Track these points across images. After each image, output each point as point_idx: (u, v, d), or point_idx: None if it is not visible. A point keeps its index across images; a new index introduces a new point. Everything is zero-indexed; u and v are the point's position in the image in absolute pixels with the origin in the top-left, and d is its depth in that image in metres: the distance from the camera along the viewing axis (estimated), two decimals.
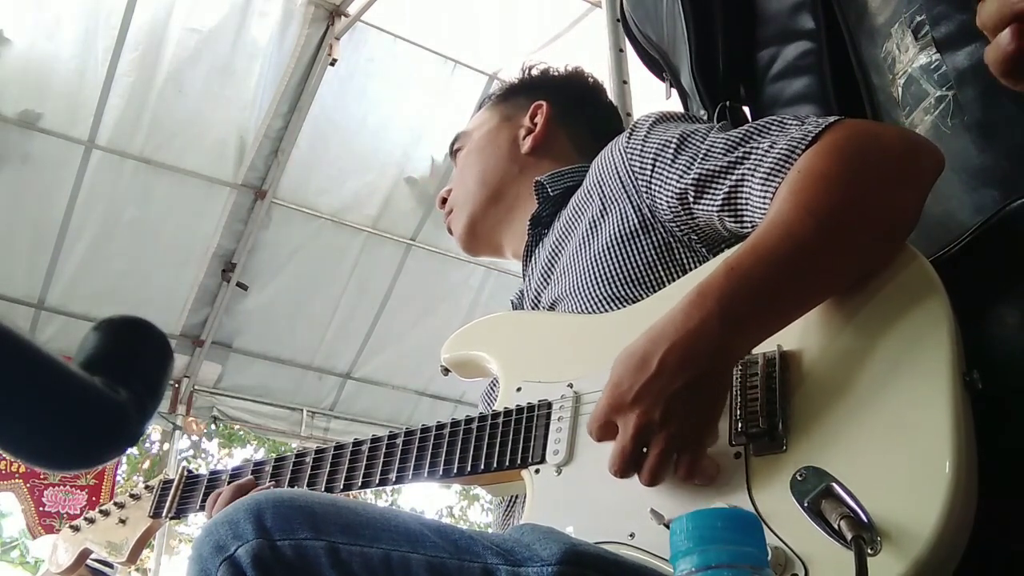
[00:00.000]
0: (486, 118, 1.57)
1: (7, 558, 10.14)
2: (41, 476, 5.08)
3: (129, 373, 1.04)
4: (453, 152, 1.59)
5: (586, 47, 3.97)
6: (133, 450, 8.64)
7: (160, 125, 4.74)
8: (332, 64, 4.74)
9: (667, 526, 0.85)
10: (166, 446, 6.77)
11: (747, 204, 1.05)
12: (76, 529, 1.47)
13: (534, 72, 1.59)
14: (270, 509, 0.82)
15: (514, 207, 1.47)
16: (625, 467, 0.90)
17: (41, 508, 5.09)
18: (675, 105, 1.78)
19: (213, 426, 6.13)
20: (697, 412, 0.89)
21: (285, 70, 4.78)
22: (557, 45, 4.71)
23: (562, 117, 1.51)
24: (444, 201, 1.57)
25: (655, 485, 0.89)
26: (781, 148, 1.02)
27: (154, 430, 7.31)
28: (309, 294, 5.55)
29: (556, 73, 1.59)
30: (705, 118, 1.52)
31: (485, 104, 1.61)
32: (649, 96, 2.13)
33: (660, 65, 1.82)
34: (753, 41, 1.51)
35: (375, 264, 5.54)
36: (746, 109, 1.55)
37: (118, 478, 5.82)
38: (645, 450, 0.89)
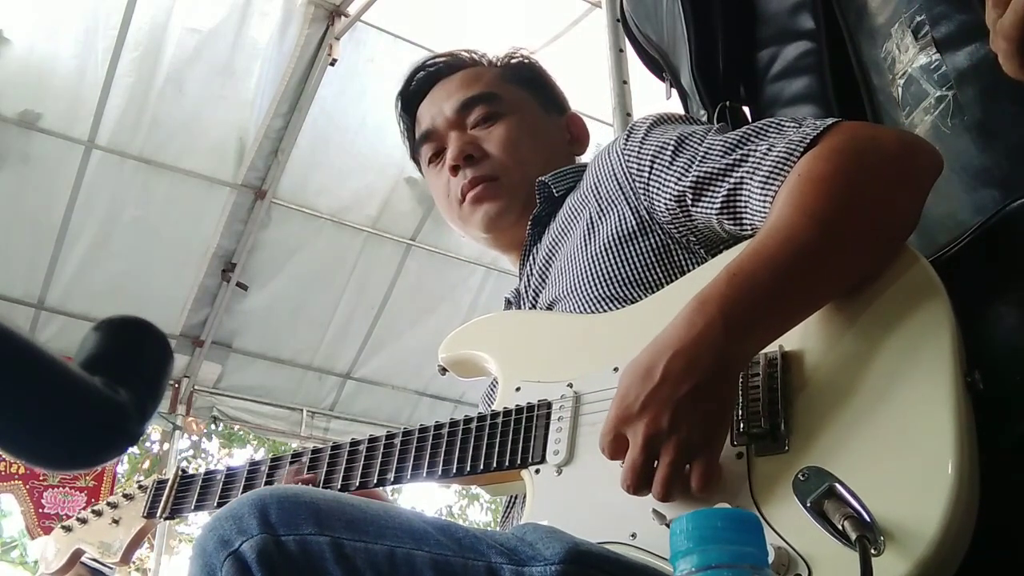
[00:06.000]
0: (523, 97, 1.46)
1: (7, 558, 10.15)
2: (40, 477, 5.07)
3: (129, 373, 1.03)
4: (468, 107, 1.41)
5: (586, 47, 3.98)
6: (133, 449, 8.64)
7: (160, 125, 4.73)
8: (332, 64, 4.74)
9: (669, 526, 0.85)
10: (166, 446, 6.76)
11: (746, 207, 1.05)
12: (68, 529, 1.46)
13: (540, 67, 1.55)
14: (274, 504, 0.82)
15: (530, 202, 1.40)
16: (638, 480, 0.88)
17: (40, 509, 5.08)
18: (675, 105, 1.78)
19: (213, 426, 6.13)
20: (705, 418, 0.88)
21: (285, 70, 4.77)
22: (557, 45, 4.70)
23: None
24: (470, 159, 1.38)
25: (668, 499, 0.88)
26: (780, 151, 1.02)
27: (154, 430, 7.30)
28: (309, 294, 5.54)
29: (554, 81, 1.56)
30: (705, 119, 1.52)
31: (497, 70, 1.49)
32: (649, 96, 2.13)
33: (660, 65, 1.82)
34: (753, 41, 1.51)
35: (375, 264, 5.54)
36: (746, 109, 1.55)
37: (118, 477, 5.82)
38: (656, 464, 0.89)
